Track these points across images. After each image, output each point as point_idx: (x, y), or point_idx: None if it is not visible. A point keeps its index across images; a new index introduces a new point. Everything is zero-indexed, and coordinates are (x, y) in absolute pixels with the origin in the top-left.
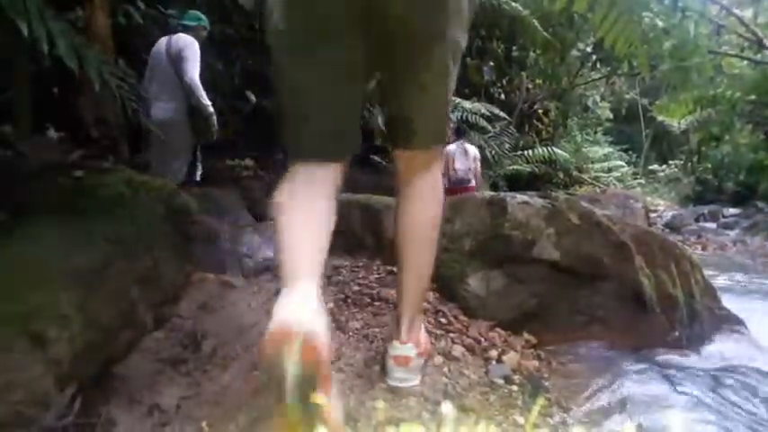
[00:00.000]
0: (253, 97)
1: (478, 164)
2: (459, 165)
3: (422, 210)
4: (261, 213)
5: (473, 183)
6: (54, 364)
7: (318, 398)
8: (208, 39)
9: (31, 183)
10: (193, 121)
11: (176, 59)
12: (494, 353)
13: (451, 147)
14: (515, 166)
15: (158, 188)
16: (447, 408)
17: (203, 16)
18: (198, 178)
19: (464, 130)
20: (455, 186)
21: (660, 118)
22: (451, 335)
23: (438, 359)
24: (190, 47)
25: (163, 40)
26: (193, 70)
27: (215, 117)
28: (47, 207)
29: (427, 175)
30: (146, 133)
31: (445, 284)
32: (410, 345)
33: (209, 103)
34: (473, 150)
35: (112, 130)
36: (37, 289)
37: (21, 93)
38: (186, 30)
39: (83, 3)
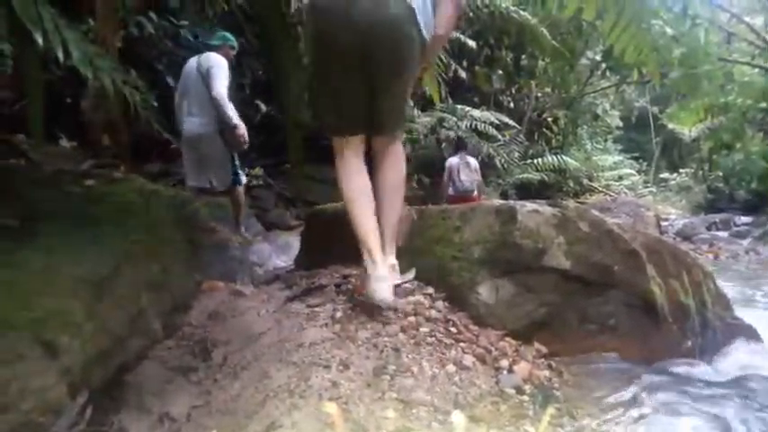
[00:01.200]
0: (263, 106)
1: (479, 175)
2: (465, 177)
3: (394, 171)
4: (271, 222)
5: (476, 192)
6: (66, 372)
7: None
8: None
9: (43, 191)
10: (224, 134)
11: (206, 76)
12: (504, 362)
13: (454, 159)
14: (525, 175)
15: (169, 197)
16: (457, 417)
17: (230, 36)
18: (242, 183)
19: (465, 143)
20: (461, 196)
21: (671, 126)
22: (462, 344)
23: (449, 368)
24: (218, 65)
25: (194, 60)
26: (221, 86)
27: (242, 128)
28: (59, 215)
29: (394, 149)
30: (180, 147)
31: (455, 293)
32: (393, 256)
33: (233, 115)
34: (474, 162)
35: (123, 138)
36: (48, 296)
37: (34, 102)
38: (214, 49)
39: (93, 13)
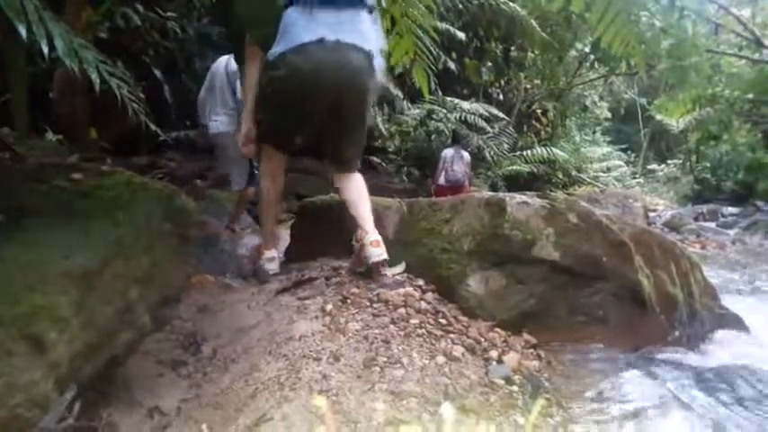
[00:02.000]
0: None
1: (470, 168)
2: (457, 167)
3: (358, 191)
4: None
5: (466, 183)
6: (53, 367)
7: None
8: (207, 41)
9: (29, 185)
10: None
11: (232, 77)
12: (494, 353)
13: (449, 151)
14: (514, 167)
15: (157, 190)
16: (447, 410)
17: None
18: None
19: (460, 137)
20: (452, 185)
21: (659, 117)
22: (451, 335)
23: (439, 359)
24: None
25: (223, 59)
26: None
27: None
28: (45, 209)
29: (355, 178)
30: (213, 146)
31: (444, 285)
32: (376, 232)
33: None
34: (467, 156)
35: (113, 131)
36: (35, 291)
37: (18, 95)
38: None
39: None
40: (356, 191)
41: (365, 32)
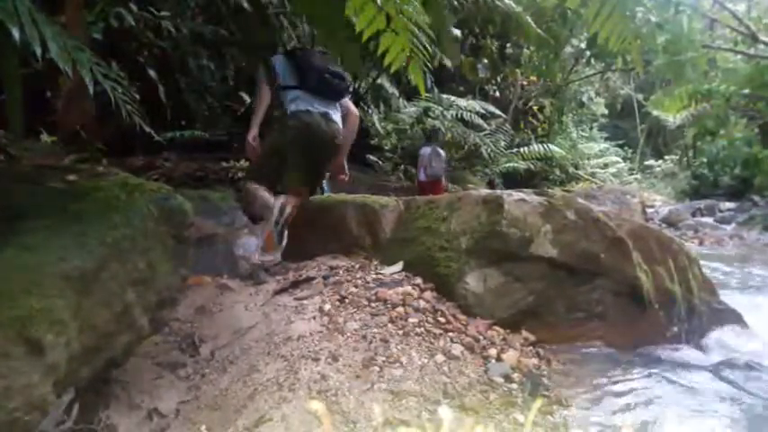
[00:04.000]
0: (247, 98)
1: (445, 164)
2: (435, 164)
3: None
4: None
5: (443, 179)
6: (51, 370)
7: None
8: (201, 40)
9: (24, 187)
10: None
11: None
12: (493, 351)
13: (426, 149)
14: (511, 164)
15: (153, 191)
16: (445, 412)
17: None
18: None
19: (436, 135)
20: (430, 180)
21: (655, 113)
22: (450, 334)
23: (438, 358)
24: None
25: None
26: None
27: None
28: (41, 211)
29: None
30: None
31: (443, 283)
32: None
33: None
34: (442, 153)
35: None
36: (32, 293)
37: (12, 97)
38: None
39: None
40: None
41: (337, 110)
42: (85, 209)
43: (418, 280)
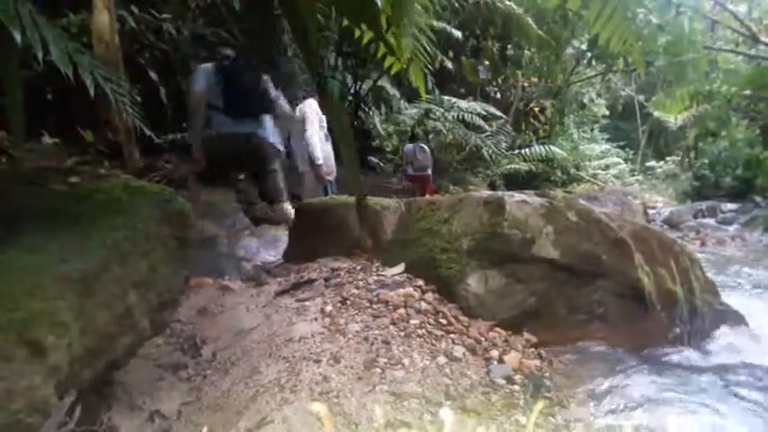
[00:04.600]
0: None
1: (431, 160)
2: (420, 157)
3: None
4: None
5: (429, 171)
6: (53, 372)
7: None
8: (201, 42)
9: (26, 189)
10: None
11: (303, 120)
12: (495, 353)
13: (410, 146)
14: (512, 165)
15: (155, 192)
16: (446, 414)
17: (332, 81)
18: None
19: (418, 135)
20: (417, 173)
21: (656, 114)
22: (452, 335)
23: (440, 360)
24: (309, 108)
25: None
26: (311, 127)
27: (321, 168)
28: (43, 213)
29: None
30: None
31: (444, 284)
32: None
33: (317, 156)
34: (427, 148)
35: (118, 134)
36: (34, 295)
37: (13, 99)
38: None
39: (75, 7)
40: None
41: (264, 126)
42: (87, 211)
43: (420, 281)
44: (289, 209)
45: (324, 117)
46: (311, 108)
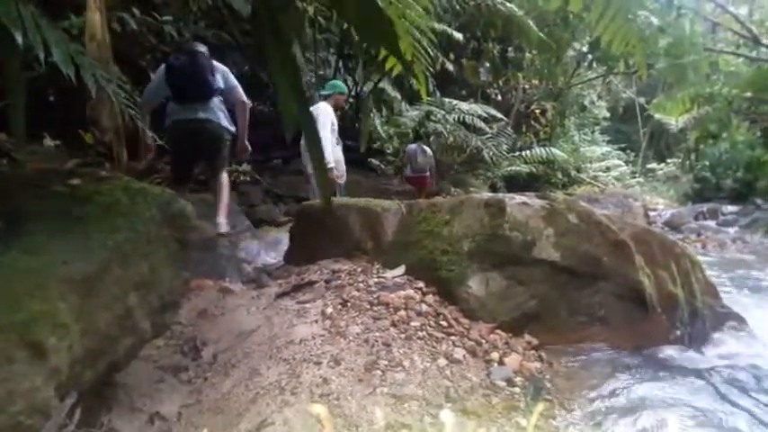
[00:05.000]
0: (249, 102)
1: (433, 161)
2: (420, 159)
3: (222, 183)
4: (259, 218)
5: (428, 174)
6: (54, 373)
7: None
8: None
9: (27, 191)
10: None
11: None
12: (495, 355)
13: (412, 147)
14: (513, 167)
15: (156, 194)
16: (447, 416)
17: (340, 84)
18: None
19: (421, 136)
20: (416, 174)
21: (657, 116)
22: (452, 338)
23: (440, 362)
24: (322, 112)
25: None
26: (324, 131)
27: (332, 171)
28: (44, 215)
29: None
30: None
31: (445, 286)
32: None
33: (329, 160)
34: (428, 150)
35: (106, 134)
36: (35, 297)
37: (15, 101)
38: (325, 99)
39: (77, 9)
40: (223, 185)
41: (213, 110)
42: (88, 213)
43: (420, 283)
44: (224, 176)
45: (336, 120)
46: (323, 111)
